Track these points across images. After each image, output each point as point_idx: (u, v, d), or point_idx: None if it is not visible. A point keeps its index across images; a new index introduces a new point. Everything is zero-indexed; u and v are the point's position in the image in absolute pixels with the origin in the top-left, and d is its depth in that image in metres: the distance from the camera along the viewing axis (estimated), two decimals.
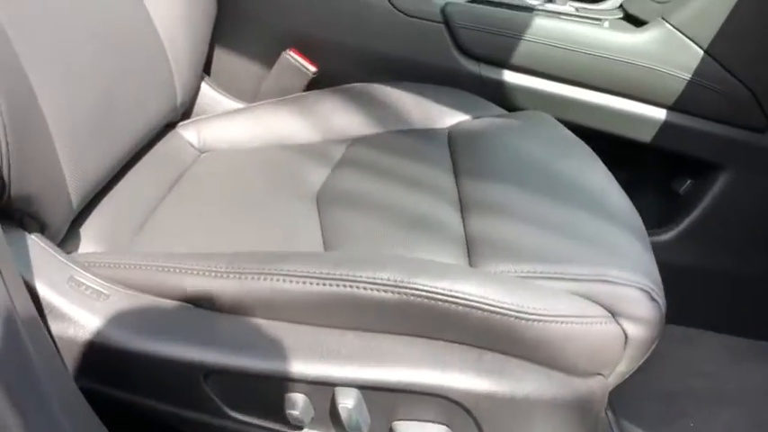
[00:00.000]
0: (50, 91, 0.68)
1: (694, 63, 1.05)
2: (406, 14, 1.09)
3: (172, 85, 0.98)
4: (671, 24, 1.06)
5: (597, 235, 0.70)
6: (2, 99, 0.54)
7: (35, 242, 0.61)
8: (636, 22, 1.16)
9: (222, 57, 1.14)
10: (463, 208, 0.79)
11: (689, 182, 1.18)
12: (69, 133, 0.70)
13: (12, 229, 0.60)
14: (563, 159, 0.87)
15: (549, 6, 1.21)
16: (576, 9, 1.23)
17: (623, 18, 1.20)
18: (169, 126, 1.04)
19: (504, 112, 1.04)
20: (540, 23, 1.09)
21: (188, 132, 1.05)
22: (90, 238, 0.73)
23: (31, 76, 0.64)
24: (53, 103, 0.68)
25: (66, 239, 0.70)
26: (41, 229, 0.63)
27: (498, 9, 1.12)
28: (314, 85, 1.13)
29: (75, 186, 0.69)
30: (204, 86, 1.10)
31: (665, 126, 1.10)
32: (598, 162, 0.87)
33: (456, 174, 0.87)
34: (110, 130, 0.81)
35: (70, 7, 0.77)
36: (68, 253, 0.69)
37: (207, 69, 1.13)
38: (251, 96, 1.14)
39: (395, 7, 1.09)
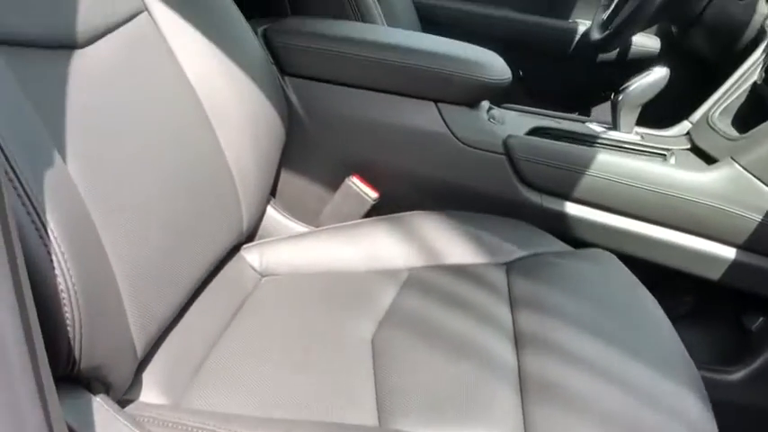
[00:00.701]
0: (117, 237, 0.70)
1: (765, 204, 1.03)
2: (468, 145, 1.11)
3: (239, 211, 1.02)
4: (740, 165, 1.04)
5: (654, 395, 0.69)
6: (75, 274, 0.56)
7: (100, 405, 0.62)
8: (703, 153, 1.15)
9: (287, 179, 1.18)
10: (518, 346, 0.79)
11: (761, 319, 1.14)
12: (136, 281, 0.72)
13: (78, 392, 0.62)
14: (624, 306, 0.86)
15: (614, 135, 1.21)
16: (642, 137, 1.23)
17: (690, 149, 1.19)
18: (233, 248, 1.07)
19: (566, 247, 1.03)
20: (604, 159, 1.08)
21: (251, 255, 1.07)
22: (151, 385, 0.74)
23: (98, 224, 0.66)
24: (120, 251, 0.70)
25: (129, 388, 0.72)
26: (107, 389, 0.65)
27: (560, 143, 1.13)
28: (375, 209, 1.15)
29: (141, 337, 0.71)
30: (269, 209, 1.13)
31: (734, 264, 1.07)
32: (659, 311, 0.87)
33: (513, 312, 0.87)
34: (176, 265, 0.83)
35: (142, 144, 0.81)
36: (130, 401, 0.70)
37: (272, 191, 1.16)
38: (313, 218, 1.16)
39: (457, 138, 1.11)
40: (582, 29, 1.86)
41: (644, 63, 1.78)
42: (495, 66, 1.13)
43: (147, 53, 0.90)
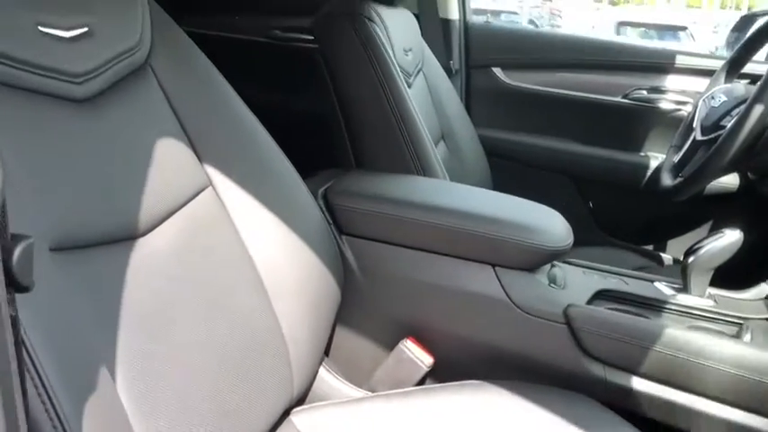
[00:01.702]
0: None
1: None
2: (526, 312, 1.08)
3: (290, 375, 1.01)
4: None
5: None
6: None
7: None
8: None
9: (340, 339, 1.17)
10: None
11: None
12: None
13: None
14: None
15: (685, 300, 1.14)
16: (716, 300, 1.16)
17: None
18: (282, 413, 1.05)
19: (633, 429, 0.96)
20: (671, 334, 1.02)
21: (299, 419, 1.06)
22: None
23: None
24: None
25: None
26: None
27: (624, 315, 1.08)
28: (430, 373, 1.12)
29: None
30: (321, 370, 1.12)
31: None
32: None
33: None
34: None
35: (193, 328, 0.82)
36: None
37: (325, 350, 1.16)
38: (366, 380, 1.14)
39: (515, 304, 1.08)
40: (654, 163, 1.83)
41: (720, 200, 1.72)
42: (555, 231, 1.11)
43: (209, 230, 0.93)
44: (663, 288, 1.20)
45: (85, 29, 0.82)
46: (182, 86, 0.96)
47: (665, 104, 1.84)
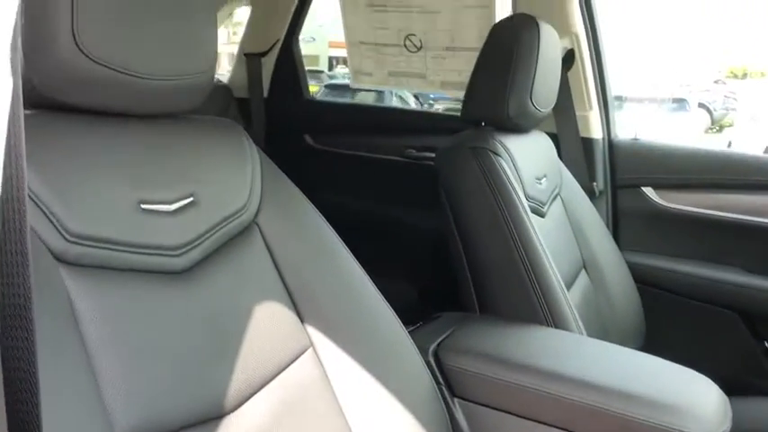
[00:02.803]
0: None
1: None
2: None
3: None
4: None
5: None
6: None
7: None
8: None
9: None
10: None
11: None
12: None
13: None
14: None
15: None
16: None
17: None
18: None
19: None
20: None
21: None
22: None
23: None
24: None
25: None
26: None
27: None
28: None
29: None
30: None
31: None
32: None
33: None
34: None
35: None
36: None
37: None
38: None
39: None
40: None
41: None
42: (705, 414, 0.92)
43: (305, 397, 0.86)
44: None
45: (190, 199, 0.80)
46: (288, 242, 0.92)
47: None
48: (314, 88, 10.39)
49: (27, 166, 0.65)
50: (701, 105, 9.87)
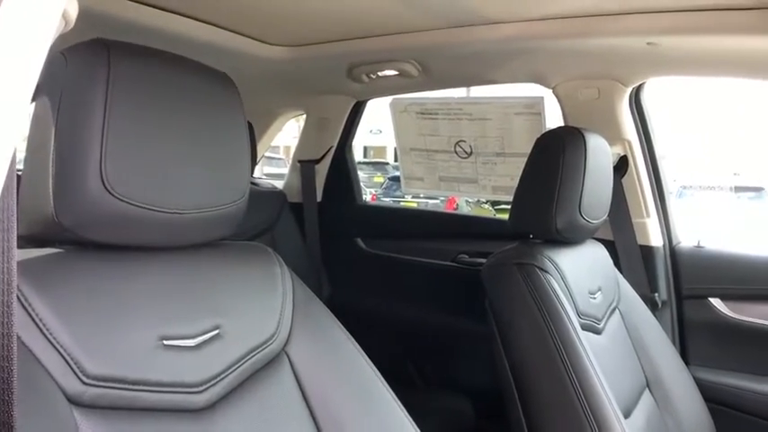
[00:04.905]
0: None
1: None
2: None
3: None
4: None
5: None
6: None
7: None
8: None
9: None
10: None
11: None
12: None
13: None
14: None
15: None
16: None
17: None
18: None
19: None
20: None
21: None
22: None
23: None
24: None
25: None
26: None
27: None
28: None
29: None
30: None
31: None
32: None
33: None
34: None
35: None
36: None
37: None
38: None
39: None
40: None
41: None
42: None
43: None
44: None
45: (216, 332, 0.77)
46: (318, 370, 0.87)
47: None
48: (379, 179, 10.42)
49: (49, 305, 0.65)
50: None
